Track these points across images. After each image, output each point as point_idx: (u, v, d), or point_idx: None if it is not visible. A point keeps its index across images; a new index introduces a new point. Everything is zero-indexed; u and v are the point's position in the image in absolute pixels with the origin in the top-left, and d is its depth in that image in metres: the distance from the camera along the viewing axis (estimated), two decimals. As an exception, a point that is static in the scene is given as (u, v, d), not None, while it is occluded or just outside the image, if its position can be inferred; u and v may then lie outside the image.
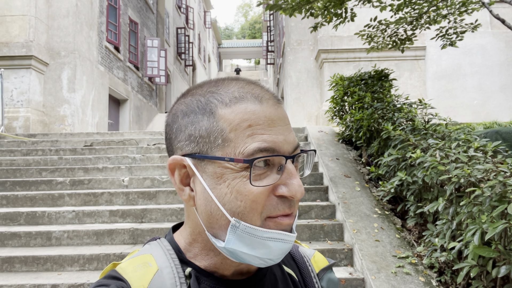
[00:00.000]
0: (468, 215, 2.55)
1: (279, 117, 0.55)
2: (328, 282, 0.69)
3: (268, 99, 0.56)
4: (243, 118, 0.53)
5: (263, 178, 0.52)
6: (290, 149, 0.54)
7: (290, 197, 0.52)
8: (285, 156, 0.53)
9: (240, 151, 0.51)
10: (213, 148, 0.53)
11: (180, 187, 0.57)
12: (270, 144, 0.52)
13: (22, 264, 3.47)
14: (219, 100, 0.55)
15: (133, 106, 12.88)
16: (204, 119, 0.54)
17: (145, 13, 14.68)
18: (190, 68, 23.62)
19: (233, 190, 0.52)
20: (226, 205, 0.52)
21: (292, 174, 0.53)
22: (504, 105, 8.86)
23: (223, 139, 0.52)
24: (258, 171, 0.52)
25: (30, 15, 8.51)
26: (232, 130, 0.52)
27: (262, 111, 0.53)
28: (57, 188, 5.02)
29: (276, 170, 0.53)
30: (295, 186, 0.52)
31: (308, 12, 4.94)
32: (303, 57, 9.81)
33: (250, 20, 53.26)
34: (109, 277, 0.54)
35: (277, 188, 0.52)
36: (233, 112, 0.53)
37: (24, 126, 8.26)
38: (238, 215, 0.52)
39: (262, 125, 0.52)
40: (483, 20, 8.55)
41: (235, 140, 0.52)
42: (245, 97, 0.54)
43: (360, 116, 4.88)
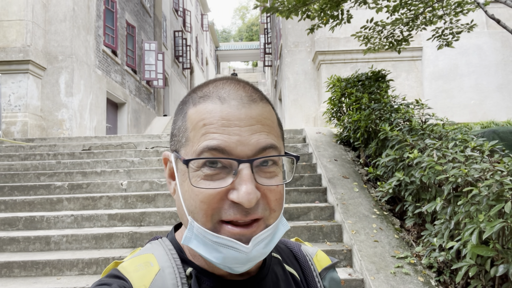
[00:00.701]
0: (465, 215, 2.56)
1: (240, 118, 0.52)
2: (331, 282, 0.69)
3: (234, 99, 0.53)
4: (200, 118, 0.53)
5: (215, 179, 0.51)
6: (247, 151, 0.51)
7: (239, 203, 0.50)
8: (236, 160, 0.50)
9: (193, 150, 0.52)
10: (180, 147, 0.55)
11: (169, 181, 0.60)
12: (220, 143, 0.50)
13: (21, 269, 3.46)
14: (191, 100, 0.57)
15: (131, 109, 12.88)
16: (179, 118, 0.57)
17: (142, 16, 14.70)
18: (188, 71, 23.63)
19: (189, 189, 0.52)
20: (185, 202, 0.53)
21: (243, 180, 0.50)
22: (501, 104, 8.89)
23: (186, 138, 0.54)
24: (209, 172, 0.51)
25: (27, 20, 8.51)
26: (192, 129, 0.53)
27: (219, 111, 0.52)
28: (55, 193, 5.01)
29: (233, 173, 0.51)
30: (241, 193, 0.49)
31: (304, 14, 4.95)
32: (300, 59, 9.83)
33: (247, 22, 53.37)
34: (111, 276, 0.55)
35: (230, 192, 0.51)
36: (196, 112, 0.54)
37: (22, 131, 8.25)
38: (192, 214, 0.52)
39: (215, 125, 0.52)
40: (479, 20, 8.59)
41: (193, 139, 0.53)
42: (210, 97, 0.54)
43: (358, 117, 4.89)
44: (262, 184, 0.52)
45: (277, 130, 0.57)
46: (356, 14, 6.34)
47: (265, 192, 0.52)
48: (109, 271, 0.57)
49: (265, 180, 0.52)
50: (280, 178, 0.55)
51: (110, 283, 0.52)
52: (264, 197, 0.52)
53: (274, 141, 0.54)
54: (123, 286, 0.52)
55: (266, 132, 0.53)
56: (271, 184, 0.53)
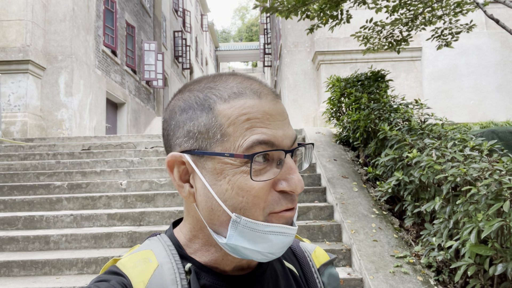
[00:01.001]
0: (464, 214, 2.57)
1: (278, 112, 0.54)
2: (329, 277, 0.69)
3: (267, 94, 0.55)
4: (241, 113, 0.52)
5: (263, 173, 0.51)
6: (289, 143, 0.54)
7: (290, 191, 0.52)
8: (284, 150, 0.52)
9: (239, 144, 0.51)
10: (212, 144, 0.52)
11: (180, 184, 0.56)
12: (270, 137, 0.51)
13: (20, 269, 3.46)
14: (218, 95, 0.54)
15: (131, 109, 12.88)
16: (203, 115, 0.54)
17: (142, 16, 14.70)
18: (188, 71, 23.64)
19: (234, 186, 0.51)
20: (227, 201, 0.52)
21: (292, 169, 0.52)
22: (500, 104, 8.90)
23: (222, 134, 0.52)
24: (258, 166, 0.51)
25: (26, 19, 8.52)
26: (231, 124, 0.52)
27: (261, 105, 0.53)
28: (55, 192, 5.01)
29: (276, 164, 0.52)
30: (295, 181, 0.52)
31: (304, 14, 4.96)
32: (300, 59, 9.84)
33: (247, 23, 53.39)
34: (109, 272, 0.54)
35: (277, 183, 0.52)
36: (231, 107, 0.53)
37: (21, 131, 8.25)
38: (240, 210, 0.51)
39: (260, 119, 0.52)
40: (478, 20, 8.61)
41: (234, 134, 0.51)
42: (244, 92, 0.54)
43: (357, 117, 4.90)
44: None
45: None
46: (355, 14, 6.35)
47: None
48: (107, 268, 0.56)
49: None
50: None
51: (108, 279, 0.52)
52: None
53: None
54: (122, 282, 0.52)
55: (290, 124, 0.57)
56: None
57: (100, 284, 0.51)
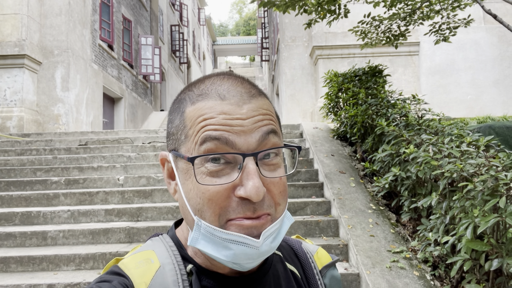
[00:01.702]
0: (460, 210, 2.58)
1: (242, 112, 0.51)
2: (331, 279, 0.69)
3: (234, 95, 0.53)
4: (200, 113, 0.52)
5: (221, 175, 0.50)
6: (251, 145, 0.50)
7: (247, 197, 0.49)
8: (241, 154, 0.49)
9: (195, 142, 0.51)
10: (180, 145, 0.54)
11: (168, 181, 0.59)
12: (222, 133, 0.49)
13: (18, 264, 3.46)
14: (189, 98, 0.55)
15: (128, 104, 12.83)
16: (177, 117, 0.56)
17: (139, 10, 14.60)
18: (185, 66, 23.54)
19: (194, 186, 0.51)
20: (190, 201, 0.52)
21: (249, 174, 0.49)
22: (498, 99, 8.92)
23: (185, 135, 0.53)
24: (214, 168, 0.50)
25: (22, 13, 8.44)
26: (192, 126, 0.52)
27: (220, 107, 0.52)
28: (52, 188, 5.00)
29: (237, 168, 0.50)
30: (249, 187, 0.48)
31: (301, 8, 4.94)
32: (297, 54, 9.81)
33: (244, 17, 53.11)
34: (111, 272, 0.55)
35: (236, 188, 0.50)
36: (194, 109, 0.53)
37: (18, 126, 8.22)
38: (199, 212, 0.51)
39: (216, 119, 0.50)
40: (476, 15, 8.59)
41: (192, 134, 0.52)
42: (209, 94, 0.53)
43: (355, 112, 4.90)
44: (266, 177, 0.51)
45: (276, 121, 0.57)
46: (353, 8, 6.33)
47: (268, 186, 0.51)
48: (109, 268, 0.57)
49: (269, 173, 0.52)
50: (282, 170, 0.54)
51: (110, 280, 0.52)
52: (268, 191, 0.52)
53: (275, 127, 0.54)
54: (124, 283, 0.52)
55: (268, 120, 0.53)
56: (274, 177, 0.52)
57: (102, 284, 0.51)
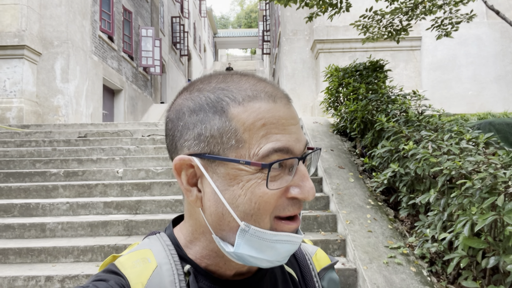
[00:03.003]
0: (458, 207, 2.58)
1: (292, 116, 0.54)
2: (329, 282, 0.68)
3: (281, 97, 0.54)
4: (257, 118, 0.51)
5: (277, 179, 0.51)
6: (301, 148, 0.53)
7: (302, 199, 0.52)
8: (297, 157, 0.52)
9: (255, 153, 0.50)
10: (226, 149, 0.51)
11: (187, 188, 0.54)
12: (284, 143, 0.51)
13: (16, 256, 3.47)
14: (231, 98, 0.52)
15: (128, 96, 12.80)
16: (215, 118, 0.52)
17: (139, 1, 14.50)
18: (186, 58, 23.44)
19: (247, 192, 0.50)
20: (239, 207, 0.51)
21: (305, 176, 0.52)
22: (499, 96, 8.89)
23: (237, 140, 0.50)
24: (273, 173, 0.51)
25: (22, 4, 8.38)
26: (246, 130, 0.50)
27: (275, 110, 0.52)
28: (51, 180, 5.00)
29: (288, 171, 0.52)
30: (307, 188, 0.51)
31: (303, 2, 4.90)
32: (298, 47, 9.76)
33: (246, 9, 52.78)
34: (108, 271, 0.54)
35: (289, 190, 0.52)
36: (246, 111, 0.51)
37: (17, 117, 8.20)
38: (251, 217, 0.50)
39: (276, 125, 0.51)
40: (478, 10, 8.53)
41: (249, 141, 0.50)
42: (259, 96, 0.52)
43: (355, 107, 4.88)
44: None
45: None
46: (355, 2, 6.28)
47: None
48: (106, 266, 0.56)
49: None
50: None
51: (107, 279, 0.52)
52: None
53: None
54: (120, 283, 0.51)
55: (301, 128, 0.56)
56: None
57: (98, 283, 0.51)
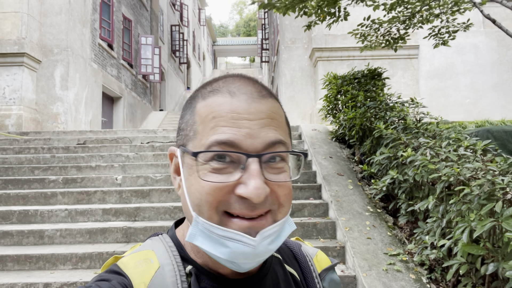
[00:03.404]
0: (457, 213, 2.59)
1: (250, 112, 0.52)
2: (330, 283, 0.68)
3: (244, 93, 0.53)
4: (210, 111, 0.53)
5: (223, 173, 0.51)
6: (257, 146, 0.51)
7: (247, 198, 0.49)
8: (245, 154, 0.50)
9: (202, 143, 0.52)
10: (188, 141, 0.55)
11: (174, 176, 0.59)
12: (229, 136, 0.50)
13: (14, 263, 3.45)
14: (200, 95, 0.57)
15: (127, 104, 12.82)
16: (188, 113, 0.57)
17: (139, 10, 14.60)
18: (185, 66, 23.54)
19: (195, 182, 0.52)
20: (190, 196, 0.53)
21: (252, 175, 0.49)
22: (496, 103, 8.94)
23: (194, 132, 0.54)
24: (218, 165, 0.51)
25: (22, 12, 8.44)
26: (201, 123, 0.53)
27: (229, 104, 0.52)
28: (49, 187, 4.99)
29: (241, 167, 0.51)
30: (250, 188, 0.49)
31: (301, 11, 4.95)
32: (297, 55, 9.82)
33: (245, 17, 53.13)
34: (110, 271, 0.55)
35: (237, 187, 0.50)
36: (205, 106, 0.54)
37: (16, 124, 8.20)
38: (198, 208, 0.51)
39: (224, 118, 0.51)
40: (475, 19, 8.61)
41: (202, 132, 0.52)
42: (220, 91, 0.54)
43: (353, 114, 4.91)
44: (270, 180, 0.51)
45: (285, 127, 0.57)
46: (353, 11, 6.34)
47: (273, 187, 0.52)
48: (109, 266, 0.56)
49: (273, 176, 0.52)
50: (288, 174, 0.54)
51: (110, 279, 0.52)
52: (273, 192, 0.52)
53: (282, 137, 0.53)
54: (123, 283, 0.52)
55: (275, 127, 0.53)
56: (280, 180, 0.52)
57: (101, 283, 0.51)
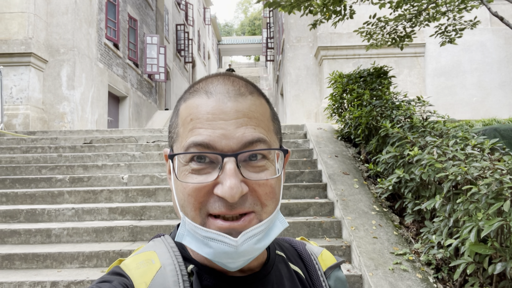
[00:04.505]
0: (464, 213, 2.57)
1: (225, 112, 0.52)
2: (336, 281, 0.68)
3: (220, 93, 0.53)
4: (188, 113, 0.54)
5: (202, 173, 0.52)
6: (232, 145, 0.51)
7: (222, 197, 0.50)
8: (220, 154, 0.50)
9: (182, 145, 0.53)
10: (173, 143, 0.57)
11: (168, 177, 0.60)
12: (204, 138, 0.51)
13: (22, 261, 3.49)
14: (184, 96, 0.58)
15: (133, 103, 12.88)
16: (174, 115, 0.59)
17: (144, 9, 14.64)
18: (190, 65, 23.58)
19: (179, 183, 0.53)
20: (177, 197, 0.54)
21: (227, 174, 0.50)
22: (503, 102, 8.86)
23: (176, 134, 0.56)
24: (196, 166, 0.52)
25: (29, 12, 8.50)
26: (182, 125, 0.55)
27: (205, 105, 0.53)
28: (56, 186, 5.03)
29: (218, 168, 0.51)
30: (225, 187, 0.49)
31: (307, 9, 4.93)
32: (302, 54, 9.80)
33: (249, 16, 53.09)
34: (112, 273, 0.55)
35: (215, 187, 0.51)
36: (186, 108, 0.55)
37: (23, 124, 8.27)
38: (183, 208, 0.53)
39: (200, 119, 0.52)
40: (482, 17, 8.54)
41: (182, 134, 0.54)
42: (198, 92, 0.55)
43: (359, 113, 4.88)
44: (249, 179, 0.51)
45: (268, 123, 0.56)
46: (359, 9, 6.31)
47: (253, 186, 0.51)
48: (111, 269, 0.57)
49: (253, 174, 0.52)
50: (271, 172, 0.53)
51: (111, 280, 0.53)
52: (253, 192, 0.52)
53: (262, 135, 0.53)
54: (124, 283, 0.52)
55: (254, 126, 0.52)
56: (260, 179, 0.52)
57: (102, 285, 0.52)
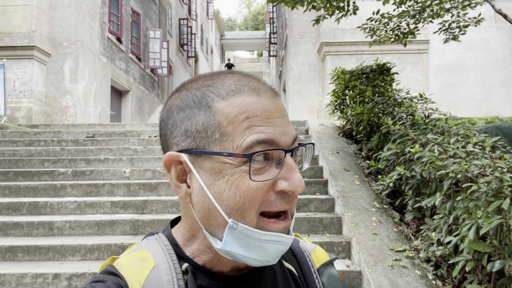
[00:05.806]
0: (464, 210, 2.58)
1: (277, 109, 0.54)
2: (329, 278, 0.68)
3: (265, 91, 0.55)
4: (240, 111, 0.51)
5: (262, 172, 0.50)
6: (289, 141, 0.53)
7: (290, 191, 0.51)
8: (284, 149, 0.51)
9: (238, 145, 0.50)
10: (211, 143, 0.52)
11: (177, 184, 0.55)
12: (269, 135, 0.50)
13: (25, 253, 3.52)
14: (216, 93, 0.53)
15: (135, 97, 12.89)
16: (200, 113, 0.53)
17: (148, 3, 14.61)
18: (193, 60, 23.55)
19: (232, 186, 0.50)
20: (224, 202, 0.51)
21: (292, 168, 0.51)
22: (507, 100, 8.82)
23: (221, 133, 0.51)
24: (258, 165, 0.50)
25: (32, 5, 8.49)
26: (230, 124, 0.51)
27: (259, 103, 0.52)
28: (59, 179, 5.06)
29: (275, 164, 0.51)
30: (295, 181, 0.50)
31: (310, 5, 4.92)
32: (305, 50, 9.77)
33: (253, 11, 52.88)
34: (106, 272, 0.54)
35: (277, 183, 0.51)
36: (230, 105, 0.52)
37: (26, 117, 8.30)
38: (237, 212, 0.50)
39: (259, 117, 0.51)
40: (486, 14, 8.48)
41: (233, 133, 0.51)
42: (242, 90, 0.53)
43: (361, 110, 4.88)
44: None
45: None
46: (362, 5, 6.28)
47: None
48: (104, 267, 0.56)
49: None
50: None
51: (104, 280, 0.52)
52: None
53: None
54: (118, 283, 0.51)
55: (290, 123, 0.56)
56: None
57: (96, 284, 0.51)
